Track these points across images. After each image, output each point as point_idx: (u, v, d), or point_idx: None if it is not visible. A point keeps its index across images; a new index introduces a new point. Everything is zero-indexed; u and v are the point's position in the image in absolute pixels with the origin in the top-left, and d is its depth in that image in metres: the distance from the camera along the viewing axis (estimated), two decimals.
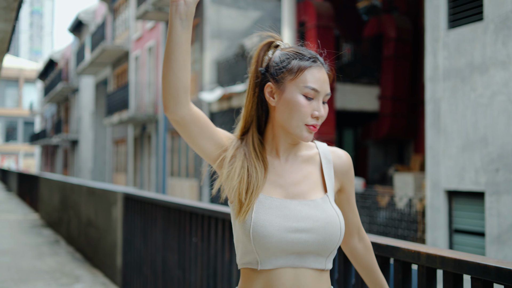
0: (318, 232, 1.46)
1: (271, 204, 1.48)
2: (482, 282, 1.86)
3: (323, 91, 1.51)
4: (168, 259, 4.62)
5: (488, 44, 7.36)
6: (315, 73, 1.50)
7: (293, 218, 1.47)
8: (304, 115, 1.48)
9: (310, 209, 1.49)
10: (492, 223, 7.13)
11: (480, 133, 7.39)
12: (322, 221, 1.47)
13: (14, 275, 6.78)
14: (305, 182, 1.54)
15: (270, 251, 1.45)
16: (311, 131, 1.50)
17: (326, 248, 1.49)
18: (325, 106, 1.53)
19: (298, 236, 1.45)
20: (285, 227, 1.45)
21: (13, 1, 5.64)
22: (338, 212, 1.52)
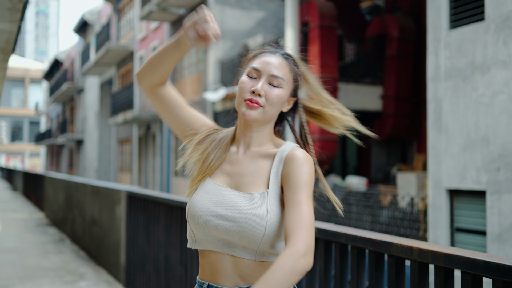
0: (240, 223, 1.50)
1: (209, 188, 1.59)
2: (471, 276, 1.91)
3: (265, 71, 1.58)
4: (170, 257, 4.69)
5: (489, 44, 7.40)
6: (262, 57, 1.62)
7: (222, 205, 1.55)
8: (243, 91, 1.58)
9: (243, 200, 1.54)
10: (493, 221, 7.17)
11: (481, 132, 7.43)
12: (248, 213, 1.51)
13: (20, 272, 6.86)
14: (251, 176, 1.59)
15: (199, 232, 1.56)
16: (248, 106, 1.55)
17: (250, 241, 1.50)
18: (273, 88, 1.57)
19: (221, 223, 1.52)
20: (211, 212, 1.54)
21: (18, 2, 5.70)
22: (271, 210, 1.51)
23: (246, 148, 1.63)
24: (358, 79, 13.83)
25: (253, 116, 1.56)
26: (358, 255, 2.50)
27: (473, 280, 1.91)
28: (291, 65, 1.64)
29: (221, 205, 1.55)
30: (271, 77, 1.58)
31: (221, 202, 1.55)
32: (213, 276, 1.57)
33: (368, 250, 2.43)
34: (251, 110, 1.55)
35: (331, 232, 2.63)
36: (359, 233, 2.48)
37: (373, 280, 2.40)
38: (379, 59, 14.08)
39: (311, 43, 12.54)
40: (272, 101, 1.57)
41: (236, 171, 1.61)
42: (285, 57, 1.64)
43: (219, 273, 1.56)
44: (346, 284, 2.61)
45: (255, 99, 1.55)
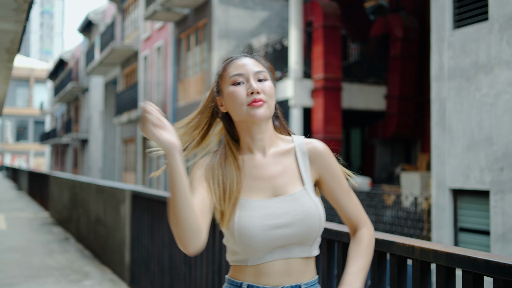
0: (298, 225, 1.54)
1: (251, 206, 1.57)
2: (472, 275, 1.93)
3: (248, 71, 1.61)
4: (174, 256, 4.71)
5: (493, 44, 7.40)
6: (235, 63, 1.64)
7: (273, 215, 1.55)
8: (241, 99, 1.58)
9: (289, 204, 1.57)
10: (497, 221, 7.17)
11: (485, 132, 7.44)
12: (301, 214, 1.55)
13: (25, 271, 6.91)
14: (283, 176, 1.61)
15: (257, 250, 1.55)
16: (254, 106, 1.57)
17: (308, 238, 1.57)
18: (264, 83, 1.60)
19: (280, 232, 1.54)
20: (267, 225, 1.54)
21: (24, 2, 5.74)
22: (316, 202, 1.58)
23: (262, 151, 1.65)
24: (362, 78, 13.83)
25: (263, 113, 1.57)
26: None
27: (474, 279, 1.93)
28: (259, 58, 1.68)
29: (272, 216, 1.55)
30: (256, 74, 1.61)
31: (270, 214, 1.55)
32: (256, 278, 1.58)
33: None
34: (258, 109, 1.57)
35: (334, 231, 2.65)
36: None
37: (375, 279, 2.42)
38: (383, 59, 14.09)
39: (315, 43, 12.55)
40: (269, 93, 1.60)
41: (266, 177, 1.62)
42: (251, 56, 1.67)
43: (265, 275, 1.57)
44: None
45: (258, 98, 1.57)
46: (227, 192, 1.59)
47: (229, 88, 1.61)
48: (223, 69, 1.67)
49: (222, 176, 1.61)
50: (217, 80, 1.69)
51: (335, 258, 2.70)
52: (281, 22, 17.17)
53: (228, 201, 1.58)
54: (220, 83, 1.67)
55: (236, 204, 1.57)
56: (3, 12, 5.86)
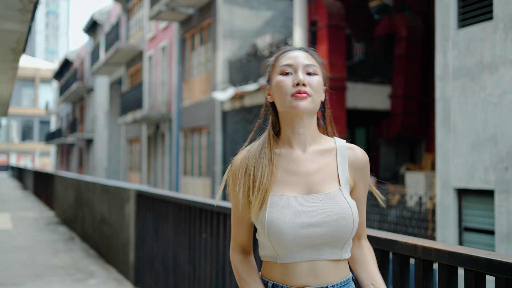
0: (330, 225, 1.53)
1: (283, 203, 1.56)
2: (474, 273, 1.93)
3: (298, 63, 1.61)
4: (179, 255, 4.73)
5: (497, 43, 7.38)
6: (288, 54, 1.65)
7: (305, 213, 1.54)
8: (286, 88, 1.59)
9: (322, 203, 1.56)
10: (502, 221, 7.16)
11: (489, 131, 7.42)
12: (334, 214, 1.54)
13: (30, 270, 6.94)
14: (320, 174, 1.61)
15: (286, 247, 1.54)
16: (297, 98, 1.57)
17: (340, 239, 1.55)
18: (312, 76, 1.61)
19: (311, 231, 1.53)
20: (298, 223, 1.53)
21: (29, 2, 5.77)
22: (351, 204, 1.57)
23: (303, 147, 1.64)
24: (366, 78, 13.82)
25: (306, 106, 1.57)
26: None
27: (476, 277, 1.93)
28: (315, 55, 1.69)
29: (304, 214, 1.54)
30: (305, 67, 1.61)
31: (303, 212, 1.54)
32: (283, 278, 1.59)
33: (373, 248, 2.45)
34: (301, 101, 1.57)
35: None
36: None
37: None
38: (387, 58, 14.07)
39: (320, 43, 12.55)
40: (316, 88, 1.60)
41: (302, 173, 1.61)
42: (305, 50, 1.67)
43: (292, 275, 1.57)
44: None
45: (302, 89, 1.57)
46: (256, 184, 1.58)
47: (277, 77, 1.62)
48: (275, 59, 1.67)
49: (254, 167, 1.61)
50: (269, 70, 1.70)
51: None
52: (285, 22, 17.17)
53: (257, 193, 1.57)
54: (270, 73, 1.68)
55: (266, 197, 1.57)
56: (8, 12, 5.89)
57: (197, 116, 17.99)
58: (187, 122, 18.88)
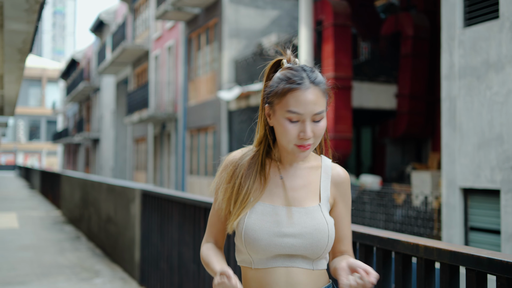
0: (305, 237, 1.57)
1: (264, 210, 1.60)
2: (476, 273, 1.94)
3: (307, 112, 1.54)
4: (184, 254, 4.75)
5: (503, 42, 7.36)
6: (299, 96, 1.54)
7: (283, 223, 1.58)
8: (291, 138, 1.56)
9: (300, 216, 1.60)
10: (508, 220, 7.14)
11: (495, 131, 7.40)
12: (310, 227, 1.58)
13: (36, 269, 6.98)
14: (303, 190, 1.65)
15: (260, 253, 1.58)
16: (301, 150, 1.58)
17: (314, 253, 1.58)
18: (318, 124, 1.56)
19: (286, 241, 1.57)
20: (274, 232, 1.57)
21: (35, 3, 5.80)
22: (328, 220, 1.61)
23: (290, 163, 1.67)
24: (372, 77, 13.80)
25: (306, 155, 1.60)
26: (366, 252, 2.53)
27: (478, 277, 1.94)
28: (323, 89, 1.61)
29: (282, 224, 1.58)
30: (314, 116, 1.56)
31: (281, 221, 1.58)
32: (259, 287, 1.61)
33: (376, 248, 2.46)
34: (304, 153, 1.59)
35: None
36: (367, 231, 2.51)
37: (380, 277, 2.43)
38: (393, 57, 14.04)
39: (325, 42, 12.54)
40: (320, 135, 1.59)
41: (287, 186, 1.65)
42: (316, 84, 1.58)
43: (268, 284, 1.60)
44: None
45: (307, 143, 1.56)
46: (240, 197, 1.62)
47: (282, 119, 1.56)
48: (283, 92, 1.56)
49: (241, 180, 1.63)
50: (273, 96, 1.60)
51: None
52: (291, 21, 17.17)
53: (239, 205, 1.61)
54: (275, 102, 1.59)
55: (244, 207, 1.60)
56: (15, 12, 5.93)
57: (203, 116, 18.02)
58: (193, 122, 18.91)
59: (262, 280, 1.60)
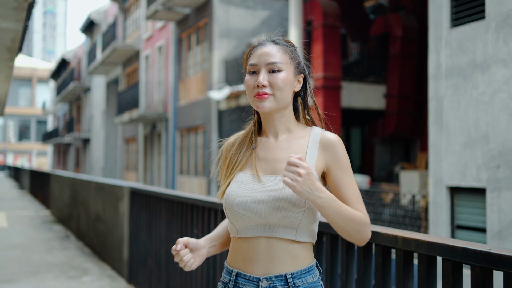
0: (279, 203, 1.58)
1: (243, 179, 1.67)
2: (451, 262, 1.99)
3: (261, 62, 1.66)
4: (171, 251, 4.78)
5: (489, 42, 7.45)
6: (256, 51, 1.70)
7: (260, 190, 1.62)
8: (250, 88, 1.67)
9: (278, 183, 1.61)
10: (493, 219, 7.22)
11: (481, 130, 7.48)
12: (285, 194, 1.59)
13: (25, 268, 6.98)
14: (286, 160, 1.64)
15: (240, 221, 1.63)
16: (257, 99, 1.64)
17: (291, 220, 1.59)
18: (275, 74, 1.65)
19: (261, 206, 1.60)
20: (250, 198, 1.61)
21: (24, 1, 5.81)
22: None
23: (275, 136, 1.71)
24: (361, 77, 13.88)
25: (267, 106, 1.64)
26: (348, 245, 2.58)
27: (453, 266, 1.99)
28: (284, 46, 1.72)
29: (258, 191, 1.62)
30: (268, 65, 1.65)
31: (258, 188, 1.62)
32: (244, 263, 1.65)
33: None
34: (262, 102, 1.63)
35: (323, 223, 2.71)
36: None
37: (361, 269, 2.48)
38: (382, 57, 14.13)
39: (315, 42, 12.60)
40: (279, 86, 1.64)
41: (270, 158, 1.68)
42: (275, 42, 1.71)
43: (251, 260, 1.63)
44: (337, 272, 2.69)
45: (261, 91, 1.63)
46: (229, 169, 1.71)
47: (246, 76, 1.70)
48: (248, 53, 1.73)
49: (233, 155, 1.73)
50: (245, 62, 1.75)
51: (324, 251, 2.76)
52: (281, 22, 17.23)
53: (226, 177, 1.71)
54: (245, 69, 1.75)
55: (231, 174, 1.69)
56: (3, 10, 5.93)
57: (193, 116, 18.04)
58: (183, 122, 18.93)
59: (245, 249, 1.64)
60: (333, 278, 2.69)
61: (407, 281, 2.23)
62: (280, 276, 1.61)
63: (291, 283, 1.61)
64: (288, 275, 1.61)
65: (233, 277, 1.67)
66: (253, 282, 1.63)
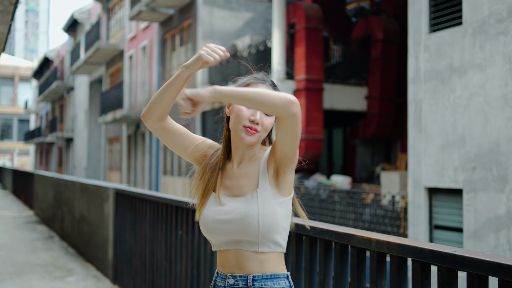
0: (238, 222, 1.78)
1: (213, 201, 1.86)
2: (420, 264, 2.14)
3: None
4: (156, 252, 4.89)
5: (466, 48, 7.66)
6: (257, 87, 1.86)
7: (222, 212, 1.82)
8: (242, 118, 1.82)
9: (238, 204, 1.81)
10: (469, 219, 7.43)
11: (458, 133, 7.69)
12: (242, 213, 1.78)
13: (9, 268, 7.03)
14: (244, 182, 1.84)
15: (213, 238, 1.85)
16: (247, 132, 1.81)
17: (250, 235, 1.78)
18: (267, 117, 1.83)
19: (224, 226, 1.80)
20: (215, 220, 1.82)
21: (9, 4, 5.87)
22: (261, 205, 1.78)
23: (239, 162, 1.89)
24: (343, 80, 14.07)
25: (252, 141, 1.82)
26: (326, 247, 2.72)
27: (422, 267, 2.14)
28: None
29: (221, 213, 1.81)
30: None
31: (221, 210, 1.81)
32: (222, 267, 1.87)
33: (334, 242, 2.65)
34: (250, 136, 1.81)
35: (302, 226, 2.85)
36: (326, 227, 2.70)
37: (338, 269, 2.63)
38: (364, 60, 14.33)
39: (298, 44, 12.76)
40: (266, 128, 1.84)
41: (232, 184, 1.86)
42: (273, 87, 1.89)
43: (224, 265, 1.85)
44: (315, 274, 2.83)
45: (254, 127, 1.81)
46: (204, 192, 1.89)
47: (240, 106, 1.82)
48: (247, 84, 1.89)
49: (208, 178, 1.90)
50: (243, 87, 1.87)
51: (303, 251, 2.90)
52: (264, 24, 17.37)
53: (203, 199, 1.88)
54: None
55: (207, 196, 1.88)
56: None
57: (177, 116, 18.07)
58: None
59: (221, 260, 1.87)
60: (311, 278, 2.84)
61: (380, 280, 2.38)
62: (244, 277, 1.81)
63: (250, 284, 1.80)
64: (249, 277, 1.81)
65: (214, 276, 1.92)
66: (224, 280, 1.85)
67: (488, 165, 7.25)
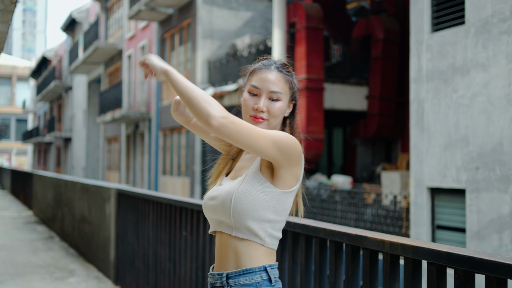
0: (219, 199, 1.79)
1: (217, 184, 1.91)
2: (436, 266, 2.10)
3: (264, 87, 1.81)
4: (159, 253, 4.85)
5: (469, 47, 7.63)
6: (261, 74, 1.83)
7: (215, 191, 1.84)
8: (247, 107, 1.82)
9: (228, 184, 1.83)
10: (472, 219, 7.40)
11: (461, 132, 7.66)
12: (224, 193, 1.79)
13: (10, 269, 6.98)
14: (243, 169, 1.87)
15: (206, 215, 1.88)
16: (254, 121, 1.80)
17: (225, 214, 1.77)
18: (273, 103, 1.81)
19: (210, 202, 1.83)
20: (208, 196, 1.86)
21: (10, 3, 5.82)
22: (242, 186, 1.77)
23: None
24: (344, 79, 14.04)
25: None
26: (336, 249, 2.69)
27: (438, 270, 2.10)
28: (286, 76, 1.86)
29: (214, 192, 1.84)
30: (270, 93, 1.81)
31: (215, 189, 1.85)
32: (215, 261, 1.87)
33: (345, 244, 2.61)
34: (257, 125, 1.79)
35: (312, 227, 2.81)
36: (337, 228, 2.66)
37: (349, 271, 2.59)
38: (364, 59, 14.30)
39: (298, 44, 12.72)
40: (274, 114, 1.81)
41: (236, 168, 1.90)
42: (279, 70, 1.85)
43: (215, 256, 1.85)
44: (325, 275, 2.79)
45: (259, 115, 1.79)
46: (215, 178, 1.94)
47: (245, 93, 1.84)
48: (252, 71, 1.86)
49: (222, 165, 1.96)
50: (245, 76, 1.90)
51: (313, 252, 2.86)
52: (264, 23, 17.33)
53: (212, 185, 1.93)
54: (246, 81, 1.88)
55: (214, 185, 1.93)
56: None
57: None
58: (166, 122, 18.93)
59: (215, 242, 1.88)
60: (321, 280, 2.80)
61: (393, 283, 2.34)
62: (220, 274, 1.80)
63: (224, 283, 1.78)
64: (223, 275, 1.79)
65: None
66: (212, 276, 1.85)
67: (491, 165, 7.22)
